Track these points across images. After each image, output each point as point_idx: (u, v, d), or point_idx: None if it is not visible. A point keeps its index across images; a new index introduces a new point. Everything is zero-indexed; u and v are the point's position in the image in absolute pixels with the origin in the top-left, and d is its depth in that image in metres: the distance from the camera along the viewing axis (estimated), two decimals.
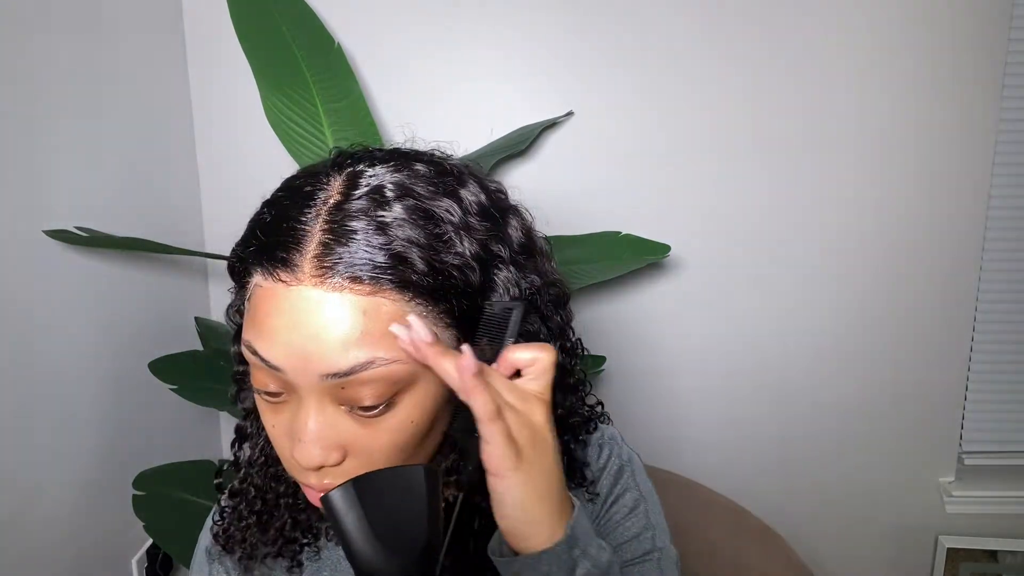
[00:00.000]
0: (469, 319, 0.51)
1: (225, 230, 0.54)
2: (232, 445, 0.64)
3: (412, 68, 1.37)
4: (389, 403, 0.49)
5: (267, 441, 0.62)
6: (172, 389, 1.17)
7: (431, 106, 1.39)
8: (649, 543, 0.63)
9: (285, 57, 1.15)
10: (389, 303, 0.47)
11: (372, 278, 0.46)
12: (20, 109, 0.98)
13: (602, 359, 1.37)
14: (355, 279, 0.46)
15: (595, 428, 0.68)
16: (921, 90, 1.37)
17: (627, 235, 1.25)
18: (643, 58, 1.37)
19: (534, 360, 0.49)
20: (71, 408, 1.09)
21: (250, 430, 0.63)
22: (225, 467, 0.66)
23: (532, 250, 0.57)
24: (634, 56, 1.37)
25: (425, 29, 1.36)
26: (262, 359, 0.48)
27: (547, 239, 0.61)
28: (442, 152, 0.58)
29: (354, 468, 0.50)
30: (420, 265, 0.47)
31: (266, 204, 0.52)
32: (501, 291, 0.52)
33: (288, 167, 0.59)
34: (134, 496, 1.13)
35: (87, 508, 1.13)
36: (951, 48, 1.34)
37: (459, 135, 1.36)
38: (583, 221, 1.33)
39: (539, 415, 0.47)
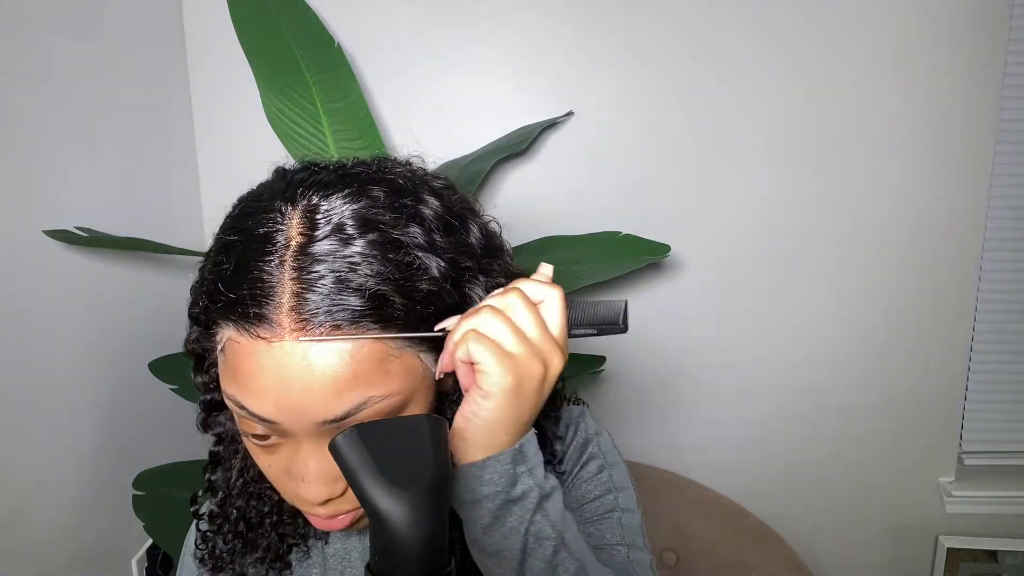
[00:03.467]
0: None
1: None
2: (205, 471, 0.64)
3: (412, 68, 1.37)
4: None
5: (244, 463, 0.62)
6: (172, 389, 1.17)
7: (431, 106, 1.39)
8: (611, 503, 0.63)
9: (285, 57, 1.15)
10: (375, 343, 0.47)
11: (352, 322, 0.46)
12: (20, 109, 0.98)
13: (602, 359, 1.37)
14: (336, 326, 0.46)
15: (561, 402, 0.68)
16: (921, 90, 1.37)
17: (627, 235, 1.25)
18: (643, 58, 1.37)
19: (544, 297, 0.49)
20: (71, 408, 1.09)
21: (224, 454, 0.63)
22: (200, 493, 0.65)
23: (494, 249, 0.57)
24: (634, 56, 1.37)
25: (425, 29, 1.36)
26: (252, 414, 0.48)
27: (496, 221, 0.61)
28: (387, 157, 0.57)
29: None
30: (397, 299, 0.47)
31: (221, 250, 0.49)
32: (473, 303, 0.52)
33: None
34: (134, 496, 1.13)
35: (87, 508, 1.12)
36: (951, 48, 1.34)
37: (459, 135, 1.37)
38: (583, 221, 1.33)
39: (555, 359, 0.49)
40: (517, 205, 1.41)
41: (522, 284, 0.50)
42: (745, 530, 1.33)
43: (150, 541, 1.25)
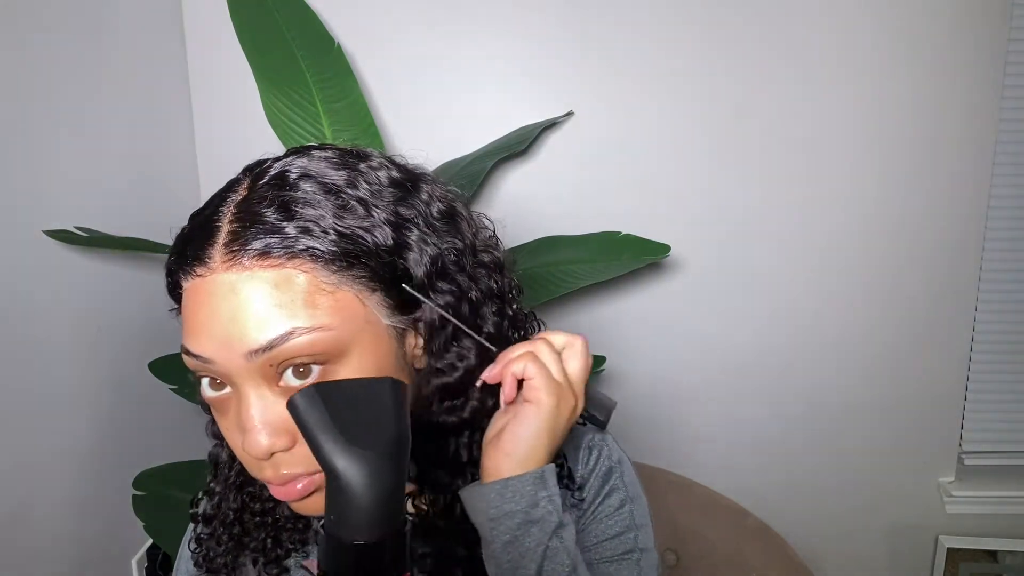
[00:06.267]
0: (393, 281, 0.51)
1: None
2: (208, 475, 0.65)
3: (412, 68, 1.37)
4: (324, 377, 0.49)
5: (241, 463, 0.62)
6: (172, 389, 1.17)
7: (431, 106, 1.39)
8: (631, 543, 0.63)
9: (285, 57, 1.15)
10: (303, 274, 0.48)
11: (280, 251, 0.47)
12: (20, 109, 0.98)
13: (602, 359, 1.37)
14: (263, 255, 0.47)
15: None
16: (921, 90, 1.37)
17: (627, 235, 1.25)
18: (643, 58, 1.37)
19: (569, 343, 0.57)
20: (71, 408, 1.09)
21: (223, 458, 0.63)
22: (200, 495, 0.66)
23: (454, 217, 0.57)
24: (634, 56, 1.37)
25: (425, 29, 1.36)
26: (193, 355, 0.49)
27: (486, 216, 0.62)
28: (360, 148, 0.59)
29: (307, 452, 0.49)
30: (328, 233, 0.48)
31: (189, 217, 0.54)
32: (416, 250, 0.52)
33: None
34: (134, 496, 1.13)
35: (87, 508, 1.12)
36: (951, 48, 1.34)
37: (459, 135, 1.37)
38: (583, 221, 1.33)
39: (580, 401, 0.57)
40: (517, 205, 1.41)
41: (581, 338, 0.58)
42: (745, 530, 1.33)
43: (150, 541, 1.25)
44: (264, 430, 0.49)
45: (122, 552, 1.22)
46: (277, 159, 0.54)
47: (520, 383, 0.55)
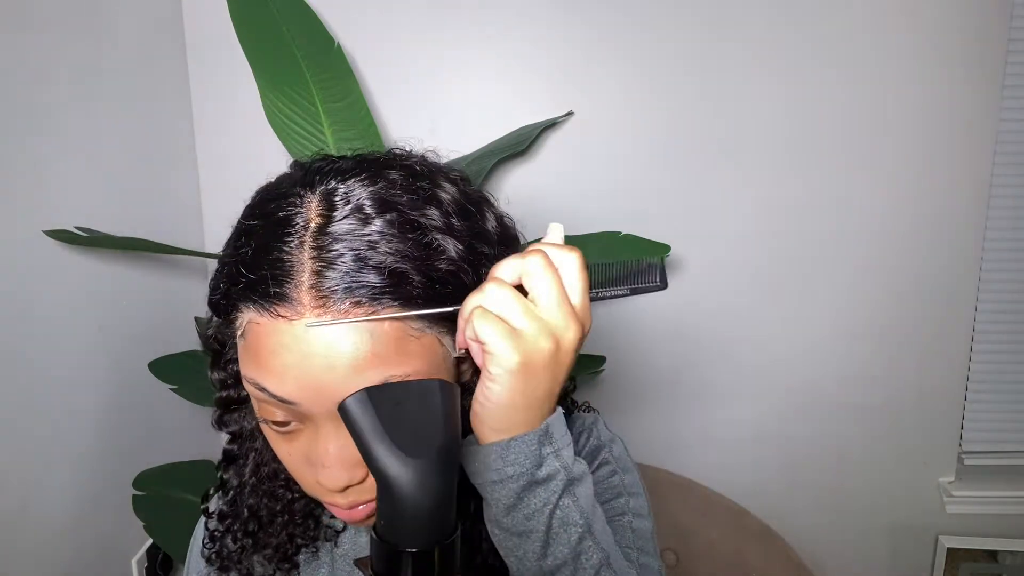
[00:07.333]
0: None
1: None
2: (218, 468, 0.64)
3: (412, 68, 1.37)
4: None
5: (257, 462, 0.62)
6: (172, 389, 1.18)
7: (431, 106, 1.39)
8: (622, 506, 0.62)
9: (285, 57, 1.15)
10: (391, 320, 0.47)
11: (372, 299, 0.46)
12: (20, 109, 0.98)
13: (602, 359, 1.37)
14: (356, 303, 0.46)
15: (570, 405, 0.67)
16: (921, 90, 1.37)
17: (627, 235, 1.25)
18: (643, 58, 1.37)
19: (560, 262, 0.46)
20: (71, 408, 1.09)
21: (238, 453, 0.63)
22: (212, 491, 0.66)
23: (509, 239, 0.57)
24: (634, 56, 1.37)
25: (425, 29, 1.36)
26: (272, 395, 0.48)
27: (509, 216, 0.62)
28: (401, 149, 0.57)
29: None
30: (416, 277, 0.47)
31: (242, 234, 0.50)
32: None
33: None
34: (134, 496, 1.14)
35: (87, 508, 1.12)
36: (951, 48, 1.34)
37: (459, 135, 1.37)
38: (583, 221, 1.33)
39: (568, 331, 0.46)
40: (517, 205, 1.41)
41: (541, 247, 0.47)
42: (745, 530, 1.33)
43: (150, 541, 1.25)
44: (342, 465, 0.49)
45: (122, 552, 1.22)
46: (343, 177, 0.50)
47: None
